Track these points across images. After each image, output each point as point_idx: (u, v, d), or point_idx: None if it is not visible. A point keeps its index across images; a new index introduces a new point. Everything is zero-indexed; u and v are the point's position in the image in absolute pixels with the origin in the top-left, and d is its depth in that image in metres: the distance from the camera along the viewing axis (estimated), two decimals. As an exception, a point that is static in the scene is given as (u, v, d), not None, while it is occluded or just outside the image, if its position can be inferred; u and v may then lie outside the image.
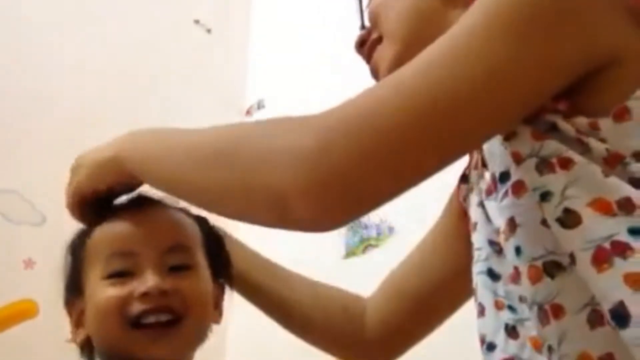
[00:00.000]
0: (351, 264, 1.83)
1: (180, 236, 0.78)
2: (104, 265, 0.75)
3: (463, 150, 0.55)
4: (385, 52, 0.73)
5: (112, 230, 0.77)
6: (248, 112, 2.51)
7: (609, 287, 0.50)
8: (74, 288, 0.79)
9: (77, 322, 0.78)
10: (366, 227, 1.84)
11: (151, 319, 0.71)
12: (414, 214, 1.59)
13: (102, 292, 0.73)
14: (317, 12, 2.31)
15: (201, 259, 0.79)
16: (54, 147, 1.93)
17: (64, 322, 0.80)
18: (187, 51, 2.39)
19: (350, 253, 1.86)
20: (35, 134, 1.93)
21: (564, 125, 0.54)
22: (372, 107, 0.53)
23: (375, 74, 0.76)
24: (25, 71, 1.98)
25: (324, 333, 0.90)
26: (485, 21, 0.52)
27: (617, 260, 0.50)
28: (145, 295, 0.71)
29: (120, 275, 0.73)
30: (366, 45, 0.77)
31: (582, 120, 0.54)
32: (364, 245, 1.84)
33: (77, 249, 0.80)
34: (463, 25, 0.54)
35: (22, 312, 1.77)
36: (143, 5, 2.32)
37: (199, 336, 0.76)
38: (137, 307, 0.71)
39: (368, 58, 0.77)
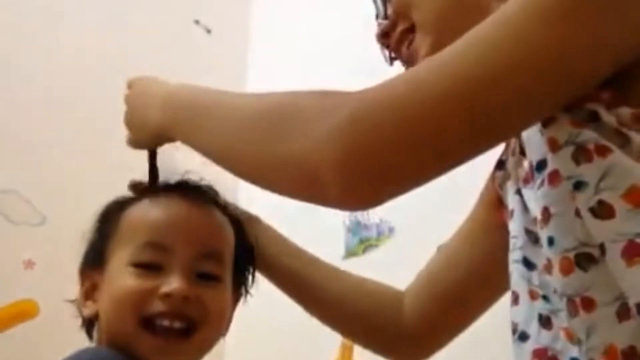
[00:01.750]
0: (351, 264, 1.82)
1: (218, 243, 0.77)
2: (134, 251, 0.73)
3: (505, 134, 0.55)
4: (422, 43, 0.72)
5: (152, 217, 0.75)
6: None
7: (638, 281, 0.49)
8: (95, 260, 0.77)
9: (87, 294, 0.77)
10: (366, 227, 1.84)
11: (165, 323, 0.70)
12: (414, 214, 1.58)
13: (125, 278, 0.72)
14: (317, 12, 2.31)
15: (229, 269, 0.77)
16: (54, 147, 1.94)
17: (64, 322, 0.80)
18: (187, 51, 2.39)
19: (350, 253, 1.86)
20: (35, 134, 1.93)
21: (605, 115, 0.53)
22: (413, 85, 0.52)
23: (409, 64, 0.74)
24: (25, 71, 1.97)
25: (360, 326, 0.89)
26: (535, 6, 0.51)
27: None
28: (167, 297, 0.70)
29: (148, 267, 0.72)
30: (393, 36, 0.75)
31: (625, 111, 0.52)
32: (364, 245, 1.84)
33: (110, 220, 0.78)
34: (511, 7, 0.52)
35: (22, 312, 1.78)
36: (143, 5, 2.32)
37: (207, 350, 0.75)
38: (155, 307, 0.70)
39: (397, 49, 0.76)
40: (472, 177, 0.78)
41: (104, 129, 2.03)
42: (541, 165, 0.57)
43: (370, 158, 0.51)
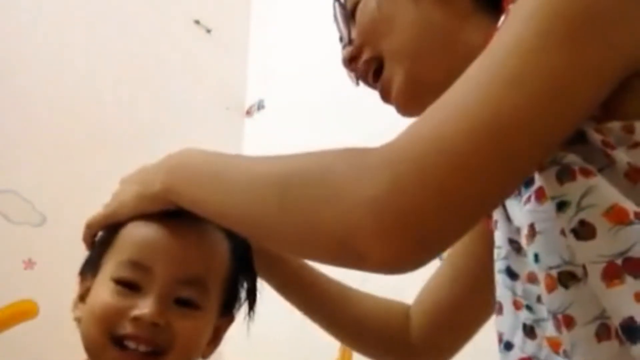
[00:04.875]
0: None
1: (203, 269, 0.74)
2: (117, 267, 0.73)
3: (534, 165, 0.53)
4: (394, 73, 0.71)
5: (140, 236, 0.75)
6: (248, 112, 2.51)
7: (619, 303, 0.49)
8: (92, 265, 0.78)
9: (82, 296, 0.78)
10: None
11: (132, 345, 0.70)
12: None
13: (104, 293, 0.73)
14: (317, 12, 2.31)
15: (215, 297, 0.76)
16: (54, 147, 1.94)
17: (64, 322, 0.80)
18: (187, 51, 2.39)
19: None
20: (35, 134, 1.93)
21: (591, 134, 0.53)
22: (438, 135, 0.50)
23: (387, 96, 0.74)
24: (25, 71, 1.97)
25: (369, 339, 0.90)
26: (536, 30, 0.50)
27: (629, 279, 0.49)
28: (136, 320, 0.70)
29: (127, 285, 0.72)
30: (359, 63, 0.74)
31: (616, 125, 0.52)
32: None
33: (111, 231, 0.78)
34: (513, 37, 0.51)
35: (22, 313, 1.78)
36: (143, 5, 2.32)
37: None
38: (124, 329, 0.70)
39: (363, 76, 0.75)
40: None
41: (104, 130, 2.03)
42: (529, 181, 0.57)
43: (414, 220, 0.49)
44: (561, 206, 0.53)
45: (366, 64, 0.74)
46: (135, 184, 0.76)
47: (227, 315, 0.80)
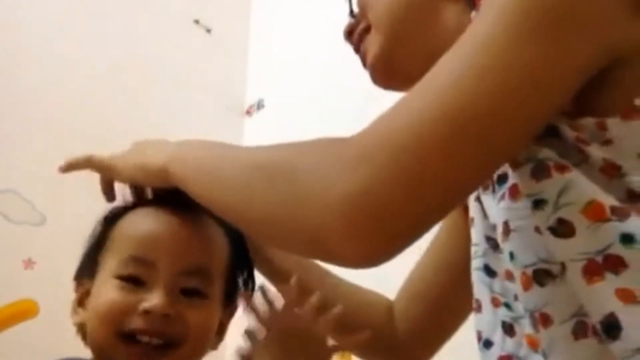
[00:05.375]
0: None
1: (205, 259, 0.75)
2: (119, 264, 0.72)
3: (508, 155, 0.53)
4: (372, 42, 0.73)
5: (139, 231, 0.75)
6: (248, 112, 2.51)
7: (600, 300, 0.50)
8: (88, 267, 0.77)
9: (80, 301, 0.77)
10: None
11: (145, 339, 0.70)
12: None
13: (108, 291, 0.72)
14: (317, 12, 2.31)
15: (219, 286, 0.76)
16: (54, 147, 1.93)
17: (64, 322, 0.80)
18: (187, 51, 2.39)
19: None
20: (35, 134, 1.93)
21: (565, 130, 0.53)
22: (413, 125, 0.50)
23: (364, 62, 0.75)
24: (25, 71, 1.97)
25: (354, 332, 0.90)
26: (511, 22, 0.51)
27: (609, 275, 0.49)
28: (146, 313, 0.69)
29: (131, 281, 0.71)
30: (354, 34, 0.76)
31: (589, 121, 0.53)
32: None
33: (106, 228, 0.77)
34: (487, 27, 0.52)
35: (22, 312, 1.78)
36: (143, 5, 2.32)
37: None
38: (135, 323, 0.70)
39: (356, 47, 0.76)
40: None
41: (104, 129, 2.03)
42: (502, 178, 0.57)
43: (388, 220, 0.49)
44: (538, 204, 0.53)
45: (359, 35, 0.76)
46: (143, 169, 0.76)
47: (229, 306, 0.80)
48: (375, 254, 0.51)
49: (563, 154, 0.53)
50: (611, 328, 0.49)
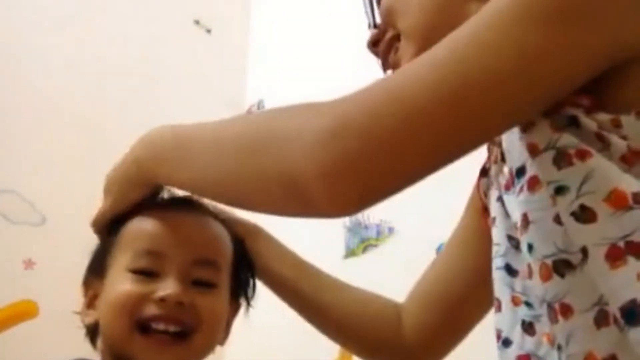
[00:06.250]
0: (351, 264, 1.83)
1: (214, 251, 0.77)
2: (131, 259, 0.74)
3: (486, 136, 0.55)
4: (407, 51, 0.72)
5: (149, 227, 0.77)
6: (248, 112, 2.51)
7: (621, 285, 0.49)
8: (97, 269, 0.78)
9: (90, 303, 0.78)
10: (366, 227, 1.84)
11: (161, 326, 0.71)
12: (414, 214, 1.58)
13: (122, 284, 0.73)
14: (317, 12, 2.31)
15: (226, 278, 0.78)
16: (54, 147, 1.94)
17: (64, 322, 0.80)
18: (187, 51, 2.39)
19: (350, 253, 1.86)
20: (35, 134, 1.93)
21: (585, 120, 0.53)
22: (396, 88, 0.52)
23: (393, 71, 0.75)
24: (25, 71, 1.98)
25: (361, 339, 0.89)
26: (515, 8, 0.51)
27: (631, 260, 0.49)
28: (162, 301, 0.71)
29: (144, 273, 0.73)
30: (381, 44, 0.76)
31: (604, 117, 0.53)
32: (364, 245, 1.84)
33: (112, 233, 0.79)
34: (492, 10, 0.53)
35: (22, 313, 1.78)
36: (143, 5, 2.32)
37: (203, 355, 0.75)
38: (151, 310, 0.71)
39: (385, 57, 0.76)
40: (472, 177, 0.78)
41: (104, 129, 2.03)
42: (521, 171, 0.57)
43: (353, 161, 0.51)
44: (560, 190, 0.53)
45: (387, 44, 0.75)
46: (118, 176, 0.79)
47: (233, 302, 0.81)
48: (347, 201, 0.52)
49: (584, 140, 0.53)
50: (632, 314, 0.49)
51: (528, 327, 0.62)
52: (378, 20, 0.77)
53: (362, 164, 0.51)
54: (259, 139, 0.57)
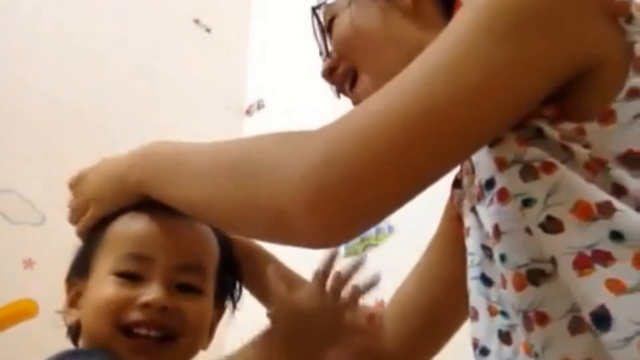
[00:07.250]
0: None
1: (200, 256, 0.77)
2: (116, 261, 0.73)
3: (463, 155, 0.57)
4: (367, 86, 0.73)
5: (135, 229, 0.76)
6: (248, 112, 2.51)
7: (590, 291, 0.50)
8: (80, 268, 0.78)
9: (72, 302, 0.77)
10: (366, 226, 1.84)
11: (143, 331, 0.70)
12: (414, 214, 1.58)
13: (106, 287, 0.72)
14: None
15: (211, 282, 0.77)
16: (54, 147, 1.94)
17: (64, 322, 0.80)
18: (187, 51, 2.39)
19: (350, 252, 1.86)
20: (35, 134, 1.93)
21: (549, 130, 0.54)
22: (373, 117, 0.53)
23: (354, 102, 0.76)
24: (25, 71, 1.97)
25: (344, 351, 0.89)
26: (476, 27, 0.53)
27: (598, 267, 0.51)
28: (145, 306, 0.70)
29: (129, 277, 0.72)
30: (336, 75, 0.77)
31: (568, 126, 0.54)
32: (363, 244, 1.84)
33: (97, 232, 0.78)
34: (455, 32, 0.54)
35: (22, 312, 1.78)
36: (143, 5, 2.32)
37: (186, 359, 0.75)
38: (134, 315, 0.70)
39: (340, 87, 0.78)
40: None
41: (103, 130, 2.03)
42: (490, 183, 0.58)
43: (341, 193, 0.52)
44: (527, 203, 0.54)
45: (342, 76, 0.77)
46: (111, 180, 0.78)
47: (218, 307, 0.81)
48: (334, 232, 0.54)
49: (549, 152, 0.54)
50: (602, 319, 0.49)
51: (505, 337, 0.63)
52: (330, 48, 0.78)
53: (347, 196, 0.52)
54: (250, 168, 0.58)
